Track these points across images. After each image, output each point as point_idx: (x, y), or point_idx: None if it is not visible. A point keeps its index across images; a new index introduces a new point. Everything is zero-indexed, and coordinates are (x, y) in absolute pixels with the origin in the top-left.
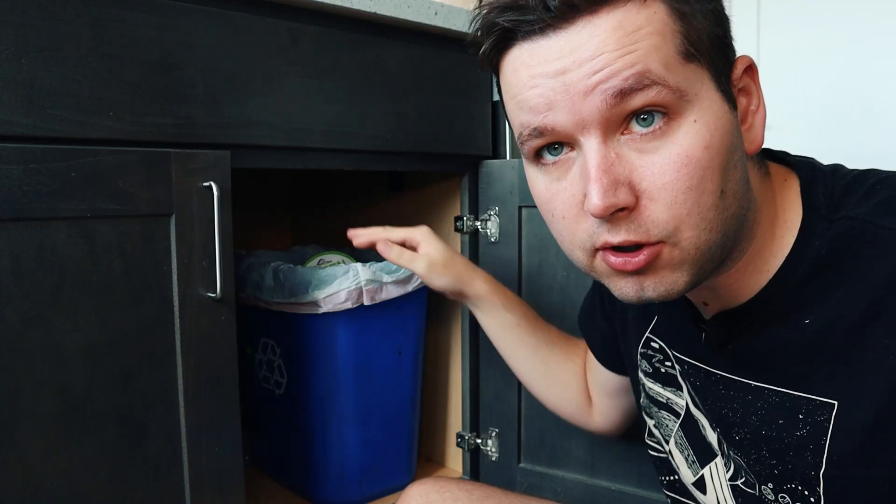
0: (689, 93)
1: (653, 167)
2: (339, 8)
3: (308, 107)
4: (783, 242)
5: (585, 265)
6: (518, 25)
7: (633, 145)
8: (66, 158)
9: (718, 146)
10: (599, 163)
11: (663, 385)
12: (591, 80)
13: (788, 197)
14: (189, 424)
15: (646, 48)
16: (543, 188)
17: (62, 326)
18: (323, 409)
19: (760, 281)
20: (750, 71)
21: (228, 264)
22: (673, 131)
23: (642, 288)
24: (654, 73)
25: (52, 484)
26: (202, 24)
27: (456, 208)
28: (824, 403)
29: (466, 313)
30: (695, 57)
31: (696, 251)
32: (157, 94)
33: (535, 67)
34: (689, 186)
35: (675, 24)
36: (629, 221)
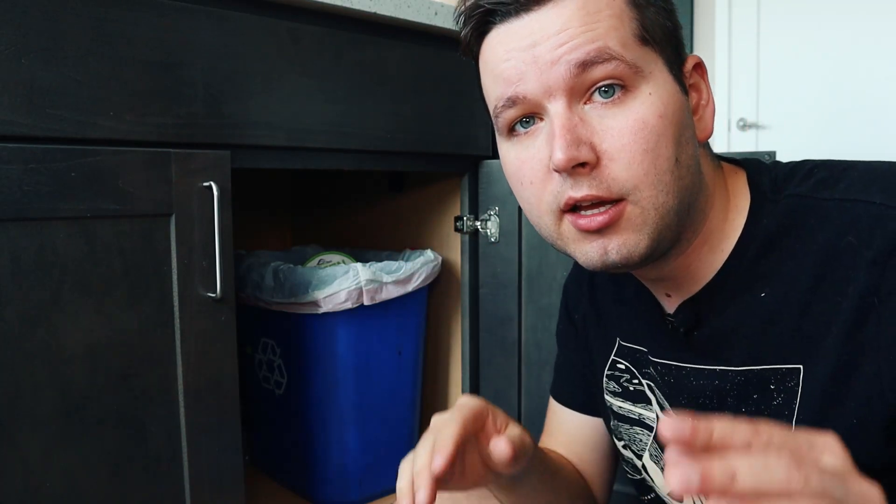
0: (644, 70)
1: (612, 130)
2: (339, 8)
3: (308, 107)
4: (735, 224)
5: (553, 231)
6: (497, 7)
7: (595, 112)
8: (66, 158)
9: (671, 117)
10: (564, 123)
11: (633, 402)
12: (557, 51)
13: (738, 186)
14: (189, 424)
15: (605, 28)
16: (514, 158)
17: (62, 326)
18: (323, 409)
19: (716, 261)
20: (699, 69)
21: (228, 264)
22: (630, 100)
23: (606, 251)
24: (612, 49)
25: (52, 484)
26: (202, 24)
27: (456, 208)
28: (791, 370)
29: (466, 313)
30: (649, 42)
31: (655, 212)
32: (157, 94)
33: (510, 44)
34: (646, 149)
35: (632, 11)
36: (591, 178)
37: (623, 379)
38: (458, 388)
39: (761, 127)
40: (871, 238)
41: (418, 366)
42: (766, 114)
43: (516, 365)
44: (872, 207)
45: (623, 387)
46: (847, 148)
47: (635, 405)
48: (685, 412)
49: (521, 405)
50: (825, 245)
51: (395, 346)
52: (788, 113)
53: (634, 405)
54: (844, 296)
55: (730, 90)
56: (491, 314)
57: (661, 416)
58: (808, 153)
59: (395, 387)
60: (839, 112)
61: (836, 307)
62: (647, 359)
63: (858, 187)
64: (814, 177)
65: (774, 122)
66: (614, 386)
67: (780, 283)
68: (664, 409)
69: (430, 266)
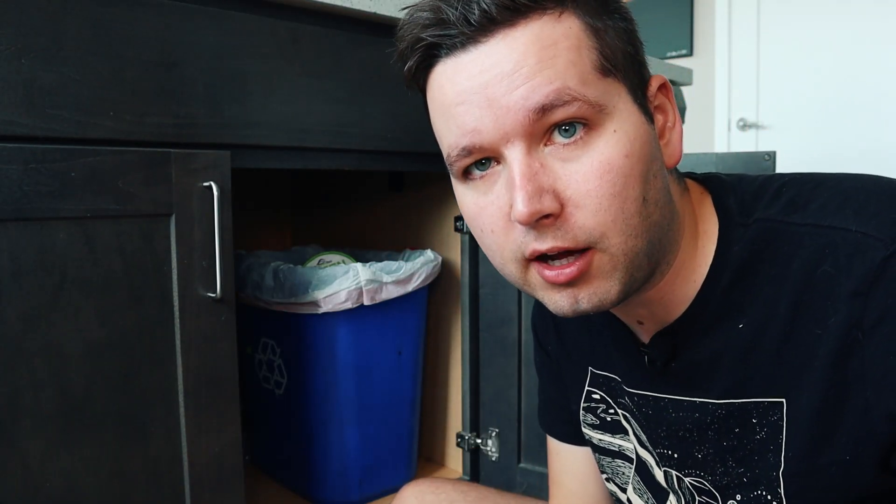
0: (607, 106)
1: (576, 175)
2: (339, 8)
3: (308, 107)
4: (705, 252)
5: (519, 279)
6: (441, 40)
7: (557, 155)
8: (66, 158)
9: (639, 154)
10: (524, 171)
11: (612, 433)
12: (513, 95)
13: (705, 209)
14: (189, 424)
15: (563, 63)
16: (472, 203)
17: (62, 326)
18: (323, 409)
19: (690, 291)
20: (664, 89)
21: (228, 264)
22: (594, 141)
23: (576, 300)
24: (572, 89)
25: (52, 484)
26: (202, 24)
27: (456, 208)
28: (773, 403)
29: (466, 313)
30: (610, 72)
31: (624, 257)
32: (157, 94)
33: (460, 84)
34: (613, 193)
35: (590, 39)
36: (555, 228)
37: (599, 409)
38: (458, 388)
39: (761, 127)
40: (849, 268)
41: (418, 366)
42: (766, 114)
43: (516, 365)
44: (848, 235)
45: (600, 418)
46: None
47: (614, 436)
48: (666, 444)
49: (521, 405)
50: (801, 274)
51: (395, 346)
52: (788, 113)
53: (613, 436)
54: (825, 328)
55: (730, 90)
56: (491, 314)
57: (638, 448)
58: (808, 153)
59: (395, 387)
60: (839, 112)
61: (817, 339)
62: (621, 388)
63: (831, 210)
64: (783, 196)
65: (774, 122)
66: (591, 418)
67: (757, 313)
68: (641, 442)
69: (430, 266)
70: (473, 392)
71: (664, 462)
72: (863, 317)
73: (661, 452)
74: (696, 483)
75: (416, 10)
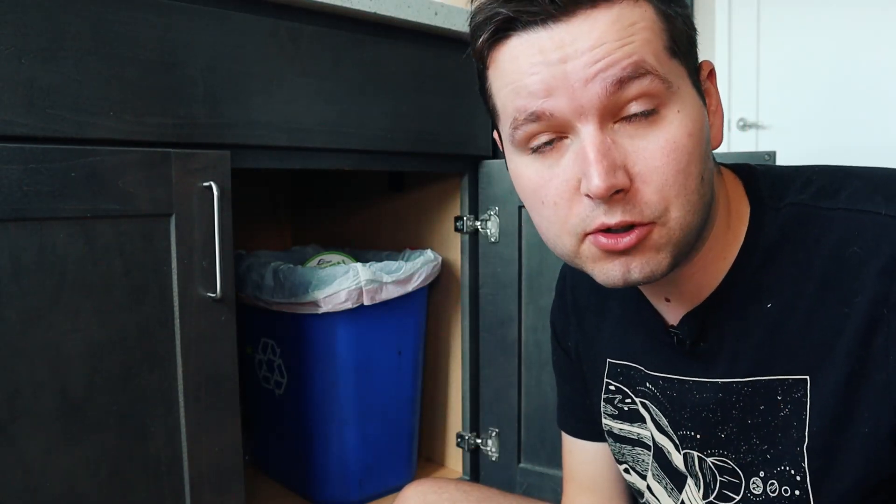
0: (674, 84)
1: (644, 152)
2: (339, 8)
3: (308, 107)
4: (736, 233)
5: (571, 251)
6: (520, 15)
7: (626, 132)
8: (66, 158)
9: (699, 135)
10: (599, 146)
11: (630, 422)
12: (592, 68)
13: (737, 192)
14: (189, 424)
15: (640, 41)
16: (535, 175)
17: (62, 326)
18: (323, 409)
19: (719, 271)
20: (711, 75)
21: (228, 264)
22: (661, 120)
23: (629, 269)
24: (648, 63)
25: (52, 484)
26: (202, 24)
27: (456, 208)
28: (797, 380)
29: (466, 313)
30: (677, 54)
31: (680, 232)
32: (157, 94)
33: (535, 56)
34: (678, 170)
35: (662, 22)
36: (625, 203)
37: (616, 400)
38: (458, 388)
39: (761, 127)
40: (877, 248)
41: (418, 366)
42: (766, 114)
43: (516, 365)
44: (878, 217)
45: (618, 408)
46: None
47: (633, 425)
48: (689, 426)
49: (521, 405)
50: (829, 255)
51: (395, 346)
52: (788, 113)
53: (632, 425)
54: (851, 306)
55: (730, 90)
56: (491, 314)
57: (656, 434)
58: (808, 153)
59: (395, 387)
60: (839, 112)
61: (844, 317)
62: (643, 375)
63: (861, 196)
64: (813, 185)
65: (774, 122)
66: (611, 409)
67: (785, 294)
68: (660, 427)
69: (430, 266)
70: (473, 392)
71: (685, 444)
72: (889, 294)
73: (682, 434)
74: (719, 462)
75: None
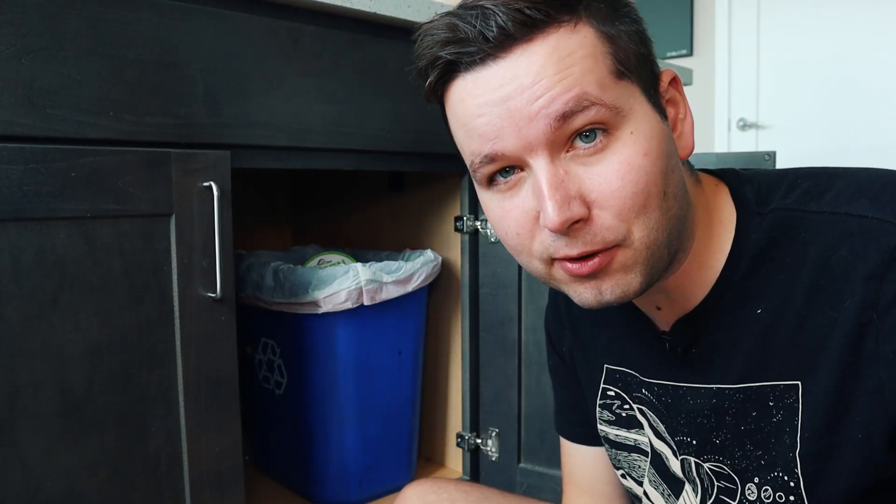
0: (623, 108)
1: (599, 178)
2: (339, 8)
3: (308, 107)
4: (722, 240)
5: (545, 274)
6: (460, 58)
7: (579, 160)
8: (66, 158)
9: (656, 152)
10: (550, 180)
11: (628, 428)
12: (534, 105)
13: (720, 199)
14: (189, 424)
15: (580, 71)
16: (497, 207)
17: (62, 326)
18: (323, 409)
19: (708, 278)
20: (675, 83)
21: (228, 264)
22: (613, 144)
23: (600, 292)
24: (591, 94)
25: (52, 484)
26: (202, 24)
27: (456, 208)
28: (789, 386)
29: (466, 313)
30: (625, 74)
31: (646, 251)
32: (157, 94)
33: (480, 97)
34: (635, 192)
35: (604, 45)
36: (584, 233)
37: (615, 406)
38: (458, 388)
39: (761, 127)
40: (865, 252)
41: (418, 366)
42: (766, 114)
43: (516, 365)
44: (864, 221)
45: (616, 414)
46: (847, 148)
47: (630, 431)
48: (685, 431)
49: (521, 405)
50: (817, 259)
51: (395, 346)
52: (788, 113)
53: (629, 431)
54: (840, 311)
55: (730, 90)
56: (491, 314)
57: (654, 440)
58: (808, 153)
59: (395, 387)
60: (839, 112)
61: (832, 322)
62: (639, 381)
63: (846, 198)
64: (798, 188)
65: (774, 122)
66: (608, 415)
67: (774, 299)
68: (658, 433)
69: (430, 266)
70: (473, 392)
71: (682, 450)
72: (878, 298)
73: (679, 440)
74: (716, 468)
75: (431, 27)
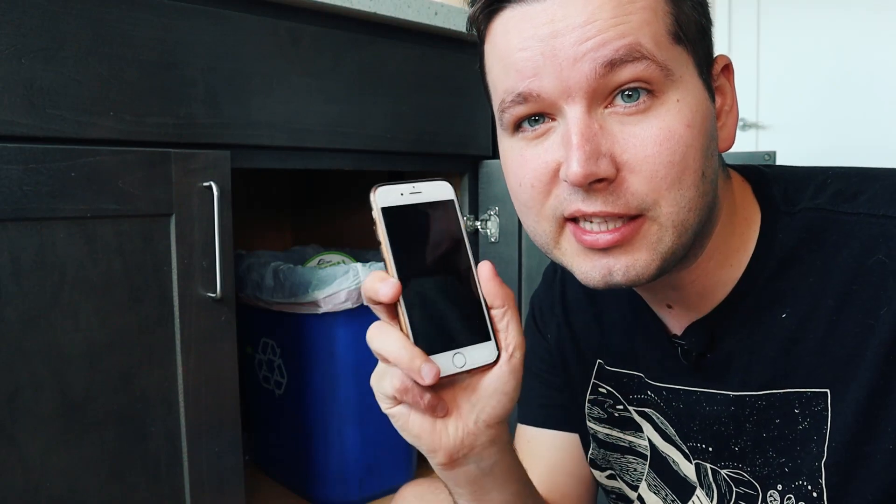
0: (674, 72)
1: (635, 139)
2: (339, 8)
3: (308, 107)
4: (745, 238)
5: (550, 241)
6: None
7: (617, 119)
8: (66, 158)
9: (700, 127)
10: (583, 130)
11: (622, 429)
12: (582, 47)
13: (745, 196)
14: (189, 424)
15: (638, 21)
16: (516, 155)
17: (62, 326)
18: (323, 409)
19: (727, 279)
20: (727, 71)
21: (228, 264)
22: (657, 108)
23: (610, 271)
24: (644, 46)
25: (52, 484)
26: (202, 24)
27: None
28: (817, 394)
29: None
30: (682, 40)
31: (673, 230)
32: (157, 94)
33: (527, 30)
34: (672, 161)
35: (668, 5)
36: (607, 193)
37: (607, 404)
38: None
39: (761, 127)
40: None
41: None
42: (766, 114)
43: None
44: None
45: (608, 412)
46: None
47: (624, 432)
48: (699, 438)
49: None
50: (851, 263)
51: None
52: (788, 113)
53: (623, 432)
54: (876, 318)
55: None
56: None
57: (661, 446)
58: (809, 153)
59: None
60: (839, 112)
61: (868, 329)
62: (643, 383)
63: (883, 200)
64: (829, 188)
65: (774, 122)
66: (598, 412)
67: (801, 303)
68: (667, 437)
69: None
70: None
71: (697, 455)
72: None
73: (693, 446)
74: (734, 475)
75: None
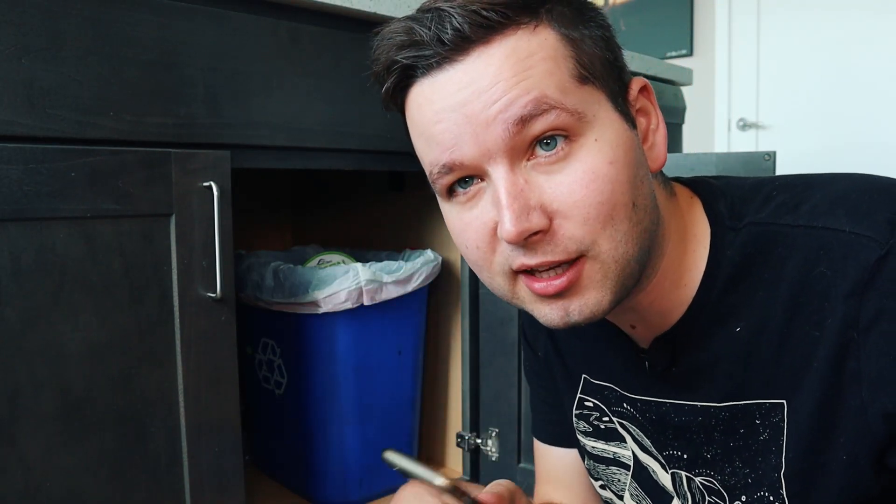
0: (587, 114)
1: (561, 187)
2: (339, 8)
3: (308, 107)
4: (696, 256)
5: (508, 292)
6: (416, 62)
7: (540, 169)
8: (66, 158)
9: (623, 161)
10: (509, 189)
11: (606, 441)
12: (492, 109)
13: (694, 213)
14: (189, 424)
15: (540, 74)
16: (456, 220)
17: (62, 326)
18: (323, 409)
19: (683, 296)
20: (645, 91)
21: (228, 264)
22: (576, 152)
23: (567, 313)
24: (550, 97)
25: (52, 484)
26: (202, 24)
27: None
28: (774, 404)
29: (466, 313)
30: (588, 80)
31: (615, 265)
32: (157, 94)
33: (437, 102)
34: (601, 201)
35: (566, 49)
36: (545, 243)
37: (592, 417)
38: (458, 388)
39: (761, 127)
40: (844, 269)
41: (418, 366)
42: (766, 114)
43: (516, 365)
44: (842, 235)
45: (594, 425)
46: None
47: (608, 444)
48: (675, 445)
49: (521, 405)
50: (796, 275)
51: (395, 346)
52: (788, 113)
53: (608, 444)
54: (822, 329)
55: (730, 90)
56: (491, 314)
57: (640, 454)
58: (809, 152)
59: (395, 387)
60: (839, 112)
61: (815, 341)
62: (621, 396)
63: (822, 211)
64: (773, 201)
65: (774, 122)
66: (584, 425)
67: (753, 316)
68: (644, 447)
69: (430, 266)
70: (473, 392)
71: (672, 464)
72: (858, 317)
73: (669, 454)
74: (707, 483)
75: (388, 31)
